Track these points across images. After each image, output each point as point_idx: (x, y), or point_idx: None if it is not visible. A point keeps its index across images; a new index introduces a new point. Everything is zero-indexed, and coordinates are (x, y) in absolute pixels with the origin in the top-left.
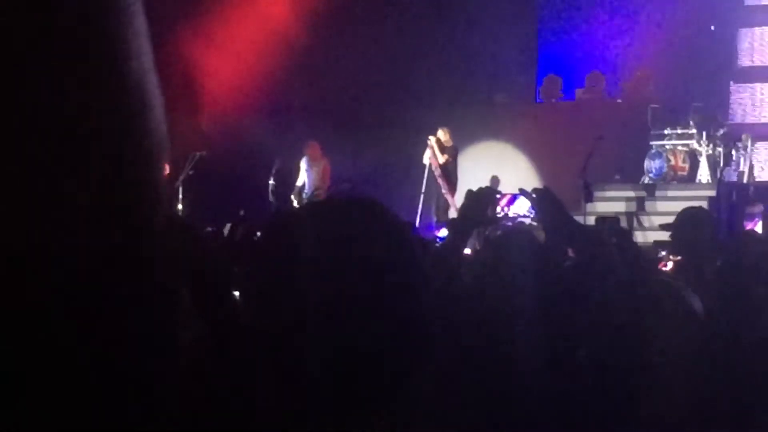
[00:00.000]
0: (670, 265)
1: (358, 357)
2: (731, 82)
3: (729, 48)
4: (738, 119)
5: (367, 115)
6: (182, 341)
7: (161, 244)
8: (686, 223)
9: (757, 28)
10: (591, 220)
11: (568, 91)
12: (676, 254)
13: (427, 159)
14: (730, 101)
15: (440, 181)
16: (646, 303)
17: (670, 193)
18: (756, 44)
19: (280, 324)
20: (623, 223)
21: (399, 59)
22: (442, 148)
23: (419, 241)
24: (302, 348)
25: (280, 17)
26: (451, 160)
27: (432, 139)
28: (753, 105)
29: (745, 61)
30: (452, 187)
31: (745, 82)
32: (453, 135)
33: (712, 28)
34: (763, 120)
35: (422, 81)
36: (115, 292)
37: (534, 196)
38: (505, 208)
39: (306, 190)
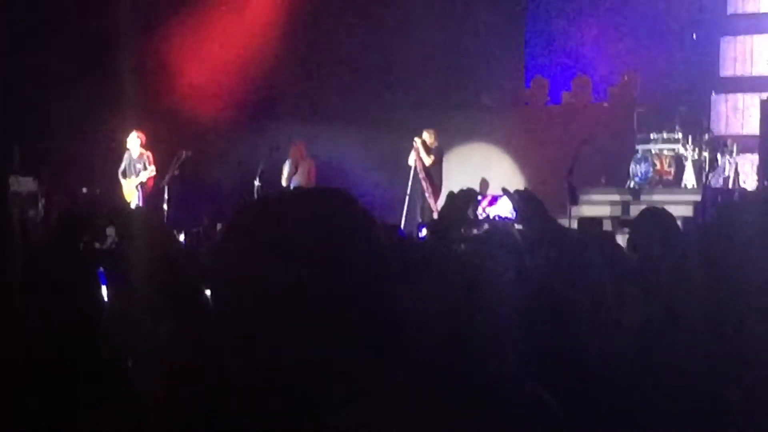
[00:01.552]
0: None
1: (324, 345)
2: (713, 92)
3: (711, 57)
4: (720, 130)
5: (353, 116)
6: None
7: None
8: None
9: (739, 37)
10: (575, 223)
11: (554, 94)
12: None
13: (412, 161)
14: (711, 112)
15: (425, 183)
16: (622, 302)
17: (656, 198)
18: (738, 54)
19: (246, 314)
20: (607, 227)
21: (386, 60)
22: (428, 150)
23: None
24: (269, 337)
25: (264, 16)
26: (436, 161)
27: (417, 141)
28: (735, 116)
29: (727, 70)
30: (436, 190)
31: (727, 92)
32: (439, 137)
33: (694, 36)
34: (745, 132)
35: (409, 82)
36: None
37: (516, 196)
38: (487, 209)
39: None
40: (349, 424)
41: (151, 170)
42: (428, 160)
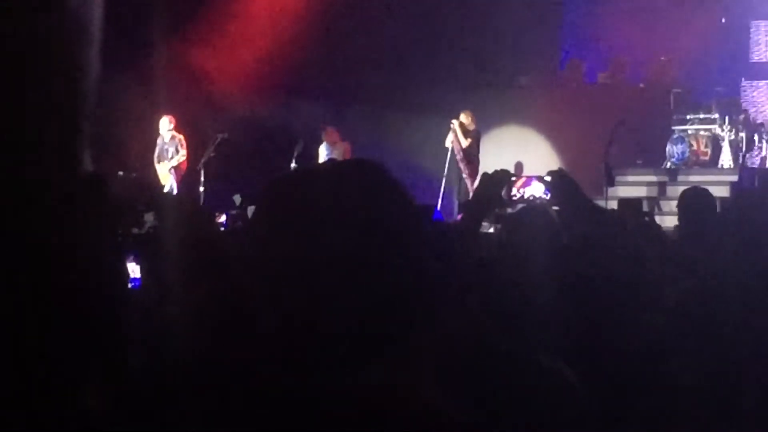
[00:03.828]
0: None
1: (355, 309)
2: (743, 79)
3: (742, 42)
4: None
5: (389, 98)
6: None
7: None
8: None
9: None
10: (613, 204)
11: (590, 75)
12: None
13: (449, 142)
14: (742, 99)
15: (462, 164)
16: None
17: (692, 178)
18: None
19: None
20: (645, 208)
21: (421, 41)
22: (465, 132)
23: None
24: (300, 304)
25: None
26: (473, 143)
27: (455, 123)
28: (766, 102)
29: (758, 55)
30: (473, 171)
31: (758, 78)
32: (475, 118)
33: (723, 20)
34: None
35: (445, 64)
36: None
37: (549, 179)
38: (521, 190)
39: None
40: (373, 385)
41: (182, 154)
42: (465, 142)
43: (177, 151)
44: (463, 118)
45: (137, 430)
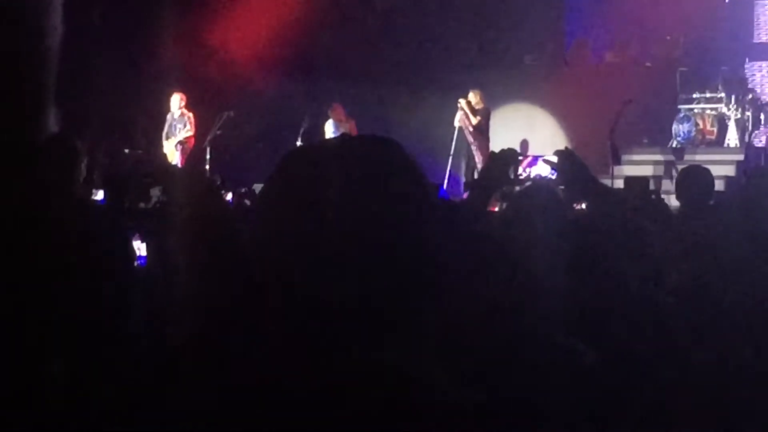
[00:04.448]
0: None
1: (364, 287)
2: (746, 60)
3: (746, 22)
4: (756, 96)
5: (394, 76)
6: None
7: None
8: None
9: None
10: (619, 183)
11: (596, 54)
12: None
13: (457, 121)
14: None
15: (472, 140)
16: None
17: (699, 157)
18: None
19: (288, 256)
20: (651, 186)
21: (427, 20)
22: (474, 111)
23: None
24: (309, 277)
25: None
26: (483, 121)
27: (462, 102)
28: None
29: (762, 36)
30: (484, 149)
31: (761, 59)
32: (484, 97)
33: (726, 0)
34: None
35: (451, 42)
36: None
37: (556, 158)
38: (528, 169)
39: None
40: (381, 365)
41: (188, 130)
42: (474, 120)
43: (184, 127)
44: (471, 96)
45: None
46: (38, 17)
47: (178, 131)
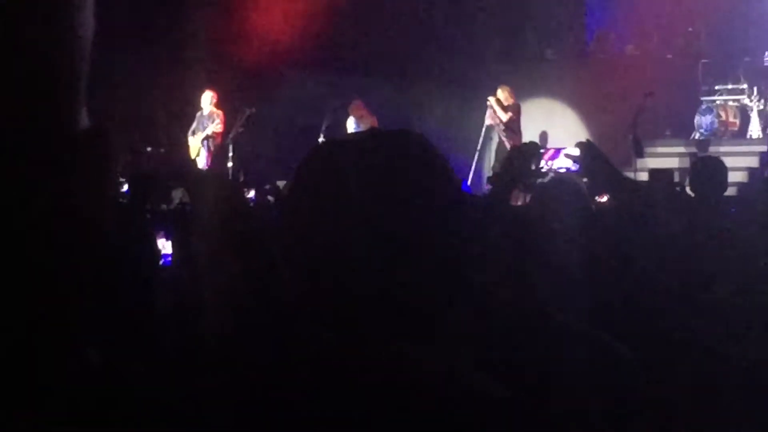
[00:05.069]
0: None
1: (396, 285)
2: (766, 53)
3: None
4: None
5: (414, 72)
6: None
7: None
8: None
9: None
10: (642, 176)
11: (618, 47)
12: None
13: (488, 119)
14: None
15: (505, 138)
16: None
17: (722, 149)
18: None
19: (318, 254)
20: (676, 179)
21: (448, 16)
22: (503, 107)
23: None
24: (339, 275)
25: None
26: (515, 117)
27: (491, 99)
28: None
29: None
30: (518, 143)
31: None
32: (513, 93)
33: None
34: None
35: (472, 38)
36: None
37: (578, 151)
38: (550, 162)
39: None
40: (410, 360)
41: (217, 123)
42: (505, 117)
43: (213, 122)
44: (500, 93)
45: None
46: (70, 10)
47: (205, 127)
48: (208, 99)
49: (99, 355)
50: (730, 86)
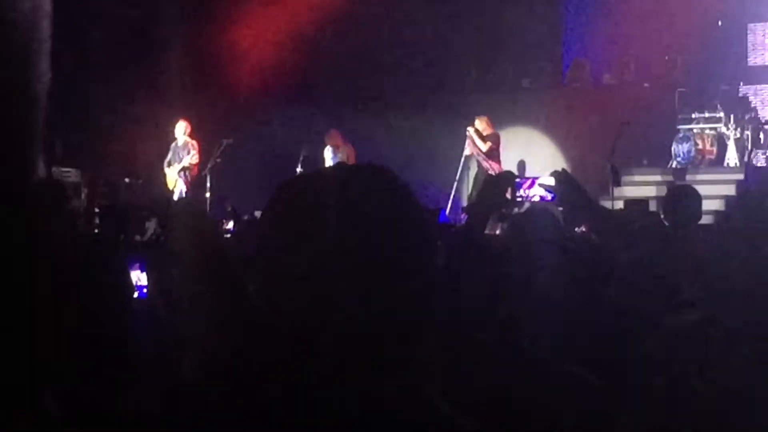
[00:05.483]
0: None
1: (365, 318)
2: (741, 83)
3: (740, 44)
4: (755, 116)
5: (391, 102)
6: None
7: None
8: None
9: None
10: (619, 204)
11: (594, 76)
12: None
13: (467, 149)
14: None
15: (487, 169)
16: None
17: (699, 177)
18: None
19: (288, 288)
20: (652, 207)
21: (424, 45)
22: (482, 137)
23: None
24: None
25: (304, 4)
26: (494, 146)
27: (470, 130)
28: (765, 107)
29: (755, 59)
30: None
31: (756, 82)
32: (492, 123)
33: (720, 23)
34: None
35: (448, 67)
36: None
37: (553, 182)
38: (526, 191)
39: None
40: (385, 391)
41: (193, 155)
42: (485, 146)
43: (188, 153)
44: (478, 124)
45: None
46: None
47: (181, 158)
48: (182, 129)
49: (55, 402)
50: (707, 114)
